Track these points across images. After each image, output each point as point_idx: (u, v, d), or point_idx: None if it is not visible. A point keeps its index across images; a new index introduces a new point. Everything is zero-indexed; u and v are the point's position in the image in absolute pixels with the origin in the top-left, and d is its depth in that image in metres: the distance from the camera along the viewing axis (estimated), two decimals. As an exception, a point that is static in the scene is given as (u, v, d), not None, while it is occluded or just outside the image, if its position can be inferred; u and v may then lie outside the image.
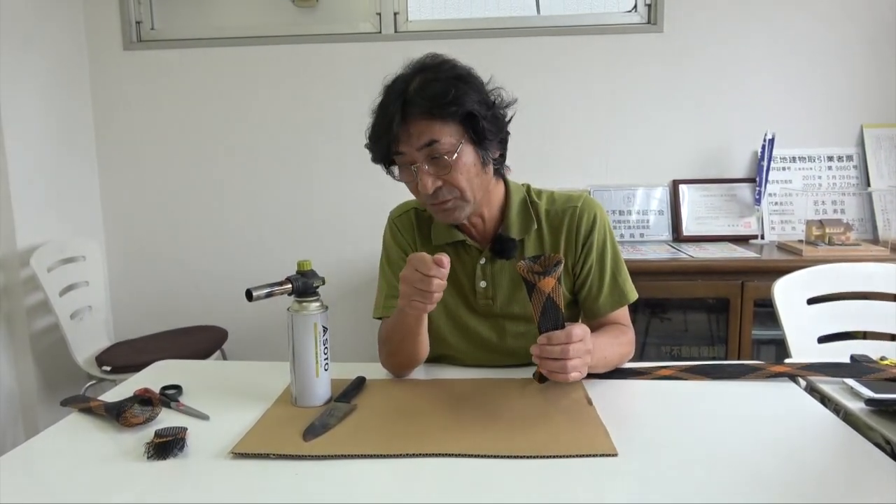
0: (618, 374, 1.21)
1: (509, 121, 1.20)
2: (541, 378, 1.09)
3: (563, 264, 1.01)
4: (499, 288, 1.27)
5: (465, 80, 1.12)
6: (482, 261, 1.26)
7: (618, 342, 1.22)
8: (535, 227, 1.26)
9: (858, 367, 1.23)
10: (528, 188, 1.32)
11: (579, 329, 1.01)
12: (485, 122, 1.12)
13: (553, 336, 0.99)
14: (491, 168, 1.20)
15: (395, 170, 1.20)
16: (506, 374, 1.22)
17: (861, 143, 2.61)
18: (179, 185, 2.80)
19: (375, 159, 1.21)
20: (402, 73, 1.16)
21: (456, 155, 1.11)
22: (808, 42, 2.58)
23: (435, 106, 1.09)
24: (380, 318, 1.32)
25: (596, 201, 1.30)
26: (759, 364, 1.23)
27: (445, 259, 1.01)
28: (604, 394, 1.11)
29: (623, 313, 1.30)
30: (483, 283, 1.27)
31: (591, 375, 1.11)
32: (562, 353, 0.98)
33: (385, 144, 1.13)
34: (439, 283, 1.02)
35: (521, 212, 1.26)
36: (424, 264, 1.01)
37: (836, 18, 2.56)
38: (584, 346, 1.01)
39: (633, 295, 1.29)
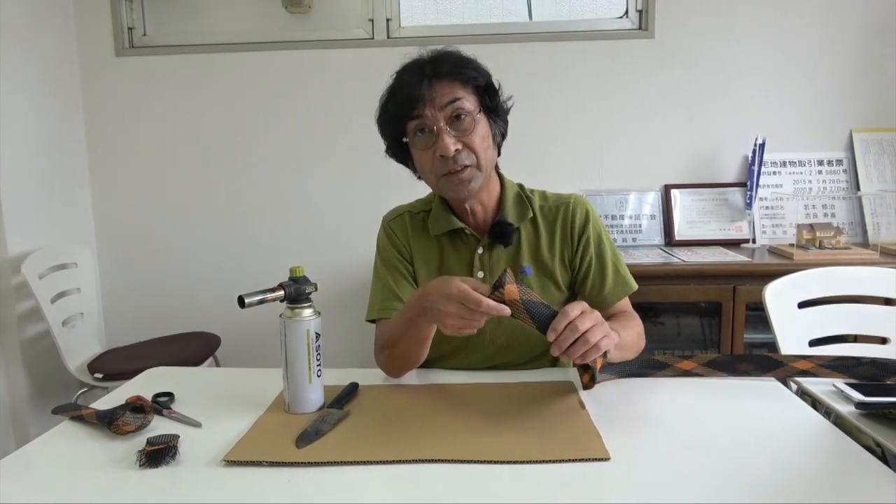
0: (641, 366, 1.22)
1: (508, 111, 1.27)
2: (590, 377, 1.08)
3: (508, 271, 1.01)
4: (496, 277, 1.27)
5: (475, 60, 1.23)
6: (480, 250, 1.29)
7: (629, 325, 1.24)
8: (531, 215, 1.30)
9: (887, 365, 1.20)
10: (522, 186, 1.36)
11: (575, 305, 0.99)
12: (496, 96, 1.23)
13: (556, 325, 0.97)
14: (496, 149, 1.27)
15: (407, 142, 1.23)
16: (499, 378, 1.23)
17: (850, 148, 2.63)
18: (171, 192, 2.79)
19: (389, 130, 1.24)
20: (409, 61, 1.22)
21: (477, 116, 1.18)
22: (797, 48, 2.60)
23: (459, 67, 1.18)
24: (373, 321, 1.32)
25: (586, 199, 1.34)
26: (784, 357, 1.23)
27: (505, 311, 0.98)
28: (596, 398, 1.11)
29: (627, 303, 1.34)
30: (480, 274, 1.29)
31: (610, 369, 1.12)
32: (572, 331, 0.96)
33: (406, 108, 1.17)
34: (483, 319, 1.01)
35: (517, 202, 1.31)
36: (472, 300, 0.98)
37: (825, 25, 2.58)
38: (590, 315, 0.98)
39: (635, 284, 1.33)
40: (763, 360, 1.23)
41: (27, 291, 2.23)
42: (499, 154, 1.30)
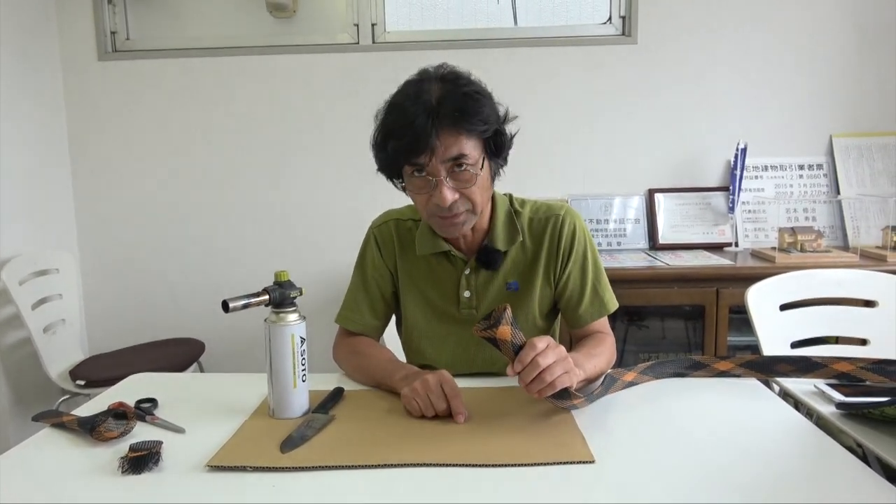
0: (680, 366, 1.23)
1: (513, 137, 1.21)
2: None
3: (508, 309, 1.01)
4: (483, 299, 1.28)
5: (484, 95, 1.14)
6: (467, 271, 1.27)
7: (596, 353, 1.20)
8: (520, 238, 1.27)
9: None
10: (511, 198, 1.33)
11: (541, 339, 0.99)
12: (502, 138, 1.16)
13: (523, 357, 0.97)
14: (493, 181, 1.22)
15: (402, 179, 1.18)
16: (483, 382, 1.23)
17: (831, 153, 2.67)
18: (154, 196, 2.77)
19: (386, 168, 1.18)
20: (416, 82, 1.14)
21: (480, 169, 1.12)
22: (778, 54, 2.64)
23: (465, 121, 1.08)
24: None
25: (577, 212, 1.31)
26: (824, 359, 1.23)
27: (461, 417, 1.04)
28: (581, 401, 1.11)
29: (604, 323, 1.31)
30: (467, 294, 1.27)
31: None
32: (533, 366, 0.96)
33: (408, 155, 1.09)
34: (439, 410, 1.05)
35: (507, 224, 1.27)
36: (438, 399, 1.04)
37: (805, 32, 2.62)
38: (554, 350, 0.99)
39: (614, 305, 1.30)
40: (802, 362, 1.22)
41: (7, 298, 2.20)
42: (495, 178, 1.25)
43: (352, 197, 2.73)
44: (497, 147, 1.16)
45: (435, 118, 1.07)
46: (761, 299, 1.63)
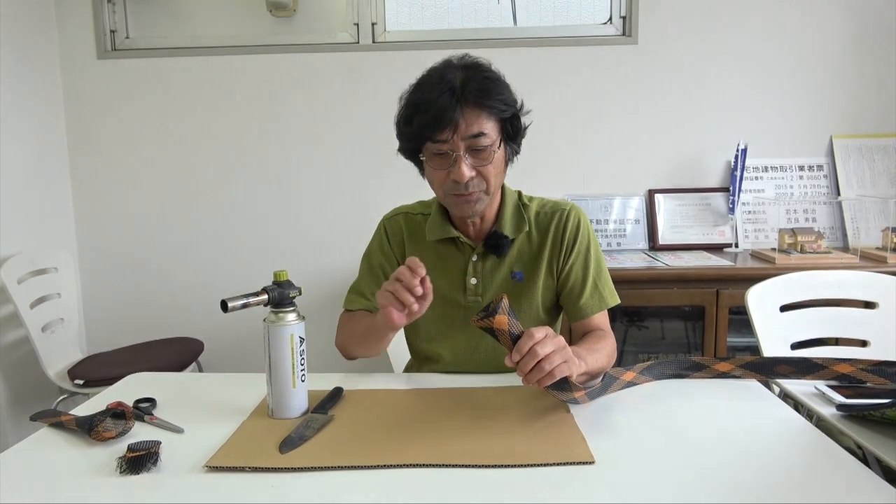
0: (679, 367, 1.24)
1: (527, 127, 1.28)
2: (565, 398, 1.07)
3: (505, 299, 1.01)
4: (489, 286, 1.31)
5: (504, 82, 1.23)
6: (474, 258, 1.31)
7: (597, 348, 1.20)
8: (527, 229, 1.31)
9: None
10: (520, 193, 1.38)
11: (539, 329, 0.99)
12: (518, 123, 1.25)
13: (521, 346, 0.97)
14: (506, 168, 1.28)
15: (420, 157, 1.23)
16: (483, 382, 1.22)
17: (831, 154, 2.67)
18: (154, 196, 2.76)
19: (407, 145, 1.23)
20: (440, 67, 1.20)
21: (497, 148, 1.19)
22: (779, 55, 2.63)
23: (488, 100, 1.16)
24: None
25: (582, 210, 1.36)
26: (824, 360, 1.23)
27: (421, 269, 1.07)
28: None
29: (603, 319, 1.33)
30: (474, 280, 1.31)
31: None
32: (531, 356, 0.96)
33: (431, 130, 1.15)
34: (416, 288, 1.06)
35: (515, 214, 1.32)
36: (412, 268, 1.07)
37: (805, 33, 2.62)
38: (552, 340, 0.99)
39: (615, 299, 1.33)
40: (802, 363, 1.22)
41: (5, 296, 2.20)
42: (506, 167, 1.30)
43: (352, 196, 2.72)
44: (514, 131, 1.23)
45: (459, 96, 1.15)
46: (761, 300, 1.63)
